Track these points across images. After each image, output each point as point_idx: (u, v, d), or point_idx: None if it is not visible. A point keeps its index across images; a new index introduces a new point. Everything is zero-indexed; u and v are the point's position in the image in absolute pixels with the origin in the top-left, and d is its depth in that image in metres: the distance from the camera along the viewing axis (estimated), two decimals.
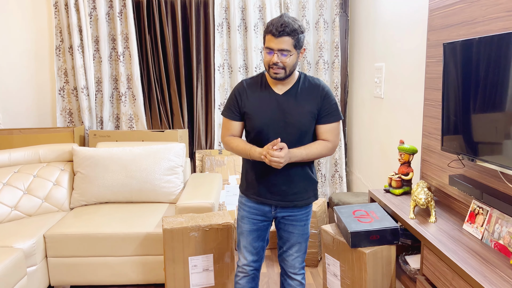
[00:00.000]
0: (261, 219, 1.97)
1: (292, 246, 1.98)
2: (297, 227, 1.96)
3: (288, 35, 1.71)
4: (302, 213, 1.96)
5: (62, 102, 3.77)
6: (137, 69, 3.67)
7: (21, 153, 3.04)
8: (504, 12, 1.65)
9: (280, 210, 1.94)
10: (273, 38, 1.72)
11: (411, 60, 2.65)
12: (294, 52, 1.76)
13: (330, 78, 3.92)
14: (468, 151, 1.77)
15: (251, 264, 2.02)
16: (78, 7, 3.57)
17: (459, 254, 1.63)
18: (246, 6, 3.70)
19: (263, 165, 1.87)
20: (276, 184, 1.88)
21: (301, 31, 1.75)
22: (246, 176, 1.98)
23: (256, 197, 1.94)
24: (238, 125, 1.93)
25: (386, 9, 3.07)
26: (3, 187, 2.83)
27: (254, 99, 1.87)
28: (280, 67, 1.75)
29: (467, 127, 1.77)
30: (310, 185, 1.95)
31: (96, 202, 3.03)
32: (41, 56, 3.80)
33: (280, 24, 1.70)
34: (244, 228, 1.99)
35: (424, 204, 1.97)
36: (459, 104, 1.81)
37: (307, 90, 1.85)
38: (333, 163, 4.02)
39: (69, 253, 2.60)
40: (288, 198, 1.90)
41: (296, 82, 1.87)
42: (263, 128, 1.85)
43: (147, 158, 3.05)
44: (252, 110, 1.86)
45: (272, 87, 1.87)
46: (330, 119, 1.86)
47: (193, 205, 2.66)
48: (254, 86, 1.89)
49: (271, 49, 1.75)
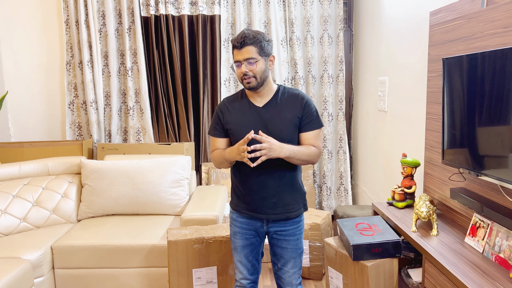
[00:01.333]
0: (253, 234, 1.97)
1: (286, 262, 1.97)
2: (290, 242, 1.95)
3: (250, 44, 1.78)
4: (294, 227, 1.95)
5: (71, 115, 3.85)
6: (145, 83, 3.74)
7: (31, 165, 3.11)
8: (501, 28, 1.68)
9: (272, 224, 1.94)
10: (237, 51, 1.80)
11: (413, 74, 2.68)
12: (260, 59, 1.80)
13: (334, 92, 3.96)
14: (468, 164, 1.79)
15: (248, 277, 2.02)
16: (89, 23, 3.67)
17: (459, 267, 1.64)
18: (251, 22, 3.77)
19: (252, 179, 1.89)
20: (265, 196, 1.89)
21: (264, 39, 1.81)
22: (236, 192, 1.99)
23: (247, 212, 1.94)
24: (223, 141, 1.96)
25: (389, 24, 3.11)
26: (13, 199, 2.89)
27: (236, 114, 1.91)
28: (250, 76, 1.80)
29: (466, 141, 1.79)
30: (299, 195, 1.95)
31: (103, 214, 3.08)
32: (52, 71, 3.90)
33: (240, 36, 1.78)
34: (237, 243, 1.99)
35: (426, 217, 1.98)
36: (458, 118, 1.83)
37: (287, 100, 1.89)
38: (338, 176, 4.03)
39: (76, 265, 2.64)
40: (278, 210, 1.90)
41: (275, 94, 1.91)
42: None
43: (153, 170, 3.09)
44: (234, 125, 1.89)
45: (252, 100, 1.91)
46: (313, 126, 1.88)
47: (198, 217, 2.69)
48: (235, 102, 1.94)
49: (239, 61, 1.81)
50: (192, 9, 3.77)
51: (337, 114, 3.97)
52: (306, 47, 3.88)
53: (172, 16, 3.72)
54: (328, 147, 4.01)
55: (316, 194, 4.11)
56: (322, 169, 4.03)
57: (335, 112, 3.99)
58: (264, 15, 3.80)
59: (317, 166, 4.08)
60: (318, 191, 4.11)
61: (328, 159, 4.01)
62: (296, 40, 3.81)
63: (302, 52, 3.89)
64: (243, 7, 3.77)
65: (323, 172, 4.03)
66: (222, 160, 1.87)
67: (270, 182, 1.87)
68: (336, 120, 3.99)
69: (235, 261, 2.03)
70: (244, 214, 1.95)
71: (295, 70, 3.87)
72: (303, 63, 3.90)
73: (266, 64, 1.84)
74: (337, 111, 3.96)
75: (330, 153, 4.03)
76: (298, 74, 3.85)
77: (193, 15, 3.77)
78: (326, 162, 4.01)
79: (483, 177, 1.69)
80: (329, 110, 3.95)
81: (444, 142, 1.99)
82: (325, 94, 3.93)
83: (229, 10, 3.80)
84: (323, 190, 4.05)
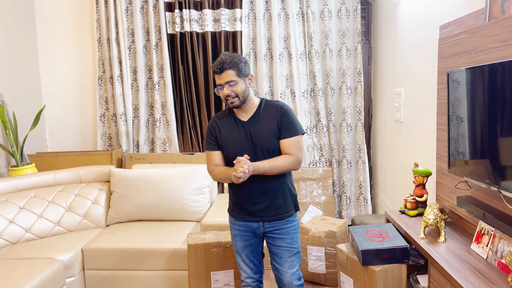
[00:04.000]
0: (251, 235, 2.13)
1: (284, 262, 2.09)
2: (285, 241, 2.08)
3: (229, 69, 1.95)
4: (288, 226, 2.09)
5: (102, 127, 4.10)
6: (171, 96, 3.96)
7: (65, 174, 3.35)
8: (500, 42, 1.75)
9: (267, 224, 2.09)
10: (218, 76, 1.98)
11: (426, 86, 2.75)
12: (239, 80, 1.98)
13: (353, 103, 4.05)
14: (470, 173, 1.85)
15: (252, 276, 2.18)
16: (119, 41, 3.93)
17: (461, 272, 1.70)
18: (271, 37, 3.93)
19: (245, 187, 2.05)
20: (258, 202, 2.06)
21: (240, 61, 1.98)
22: (232, 199, 2.16)
23: (242, 216, 2.11)
24: (218, 154, 2.12)
25: (403, 37, 3.19)
26: (48, 204, 3.13)
27: (224, 129, 2.09)
28: (232, 96, 1.98)
29: (470, 150, 1.85)
30: (289, 198, 2.11)
31: (130, 220, 3.27)
32: (85, 86, 4.18)
33: (219, 62, 1.96)
34: (238, 245, 2.15)
35: (433, 224, 2.04)
36: (460, 128, 1.90)
37: (267, 112, 2.06)
38: (357, 185, 4.09)
39: (104, 266, 2.82)
40: (271, 213, 2.07)
41: (258, 108, 2.08)
42: (236, 153, 2.03)
43: (177, 179, 3.27)
44: (224, 139, 2.08)
45: (238, 116, 2.09)
46: (290, 133, 2.02)
47: (217, 223, 2.84)
48: (223, 118, 2.12)
49: (220, 85, 1.99)
50: (215, 26, 3.97)
51: (356, 124, 4.05)
52: (324, 60, 4.00)
53: (196, 33, 3.92)
54: (347, 157, 4.08)
55: (336, 204, 4.18)
56: (342, 179, 4.10)
57: (354, 122, 4.07)
58: (283, 30, 3.96)
59: (337, 176, 4.15)
60: (338, 201, 4.18)
61: (347, 169, 4.09)
62: (315, 53, 3.94)
63: (320, 65, 4.01)
64: (264, 23, 3.94)
65: (343, 182, 4.10)
66: (224, 177, 2.02)
67: (261, 189, 2.05)
68: (355, 131, 4.07)
69: (238, 262, 2.19)
70: (239, 218, 2.12)
71: (314, 82, 3.98)
72: (321, 75, 4.02)
73: (246, 84, 2.02)
74: (356, 122, 4.04)
75: (350, 163, 4.10)
76: (317, 86, 3.97)
77: (216, 31, 3.96)
78: (346, 172, 4.08)
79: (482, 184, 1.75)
80: (347, 121, 4.04)
81: (449, 152, 2.05)
82: (343, 105, 4.02)
83: (250, 26, 3.97)
84: (342, 199, 4.12)
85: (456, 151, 1.99)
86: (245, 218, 2.11)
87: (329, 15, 3.94)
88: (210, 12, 3.93)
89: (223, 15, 3.89)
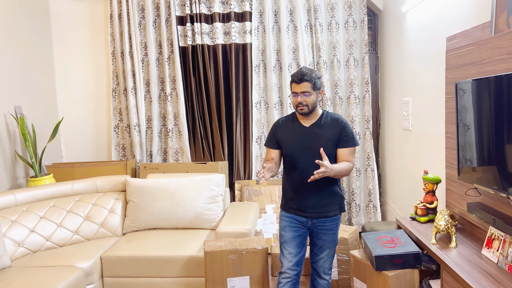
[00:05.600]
0: (300, 226, 2.37)
1: (323, 250, 2.38)
2: (328, 235, 2.36)
3: (307, 81, 2.24)
4: (332, 223, 2.36)
5: (116, 138, 4.21)
6: (183, 107, 4.06)
7: (82, 184, 3.44)
8: (506, 54, 1.84)
9: (315, 220, 2.35)
10: (296, 85, 2.27)
11: (433, 95, 2.83)
12: (313, 93, 2.26)
13: (361, 112, 4.13)
14: (481, 180, 1.92)
15: (294, 268, 2.35)
16: (132, 54, 4.05)
17: (473, 276, 1.76)
18: (280, 49, 4.04)
19: (298, 185, 2.31)
20: (308, 198, 2.32)
21: (317, 77, 2.26)
22: (285, 194, 2.43)
23: (294, 211, 2.37)
24: (275, 152, 2.40)
25: (410, 48, 3.28)
26: (67, 214, 3.22)
27: (287, 131, 2.37)
28: (304, 105, 2.26)
29: (479, 158, 1.93)
30: (336, 199, 2.37)
31: (146, 228, 3.35)
32: (100, 98, 4.30)
33: (300, 74, 2.25)
34: (287, 236, 2.37)
35: (444, 230, 2.11)
36: (469, 137, 1.98)
37: (329, 123, 2.33)
38: (367, 193, 4.15)
39: (122, 274, 2.90)
40: (318, 210, 2.33)
41: (320, 117, 2.36)
42: (294, 153, 2.31)
43: (191, 188, 3.35)
44: (285, 140, 2.36)
45: (301, 122, 2.36)
46: (348, 144, 2.30)
47: (231, 230, 2.92)
48: (287, 122, 2.42)
49: (296, 93, 2.27)
50: (226, 39, 4.08)
51: (364, 133, 4.12)
52: (332, 70, 4.09)
53: (207, 46, 4.03)
54: (357, 165, 4.15)
55: (346, 211, 4.24)
56: (351, 186, 4.17)
57: (362, 131, 4.14)
58: (292, 41, 4.06)
59: (346, 183, 4.22)
60: (348, 208, 4.24)
61: (356, 176, 4.16)
62: (323, 64, 4.03)
63: (329, 75, 4.10)
64: (273, 35, 4.04)
65: (352, 190, 4.17)
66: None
67: (312, 188, 2.31)
68: (364, 139, 4.14)
69: (283, 252, 2.37)
70: (291, 212, 2.39)
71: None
72: (330, 85, 4.11)
73: (317, 96, 2.30)
74: (364, 130, 4.12)
75: (359, 171, 4.17)
76: (325, 95, 4.05)
77: (226, 44, 4.07)
78: (355, 180, 4.15)
79: (491, 191, 1.82)
80: (356, 130, 4.12)
81: (459, 159, 2.13)
82: (352, 114, 4.10)
83: (260, 38, 4.08)
84: (352, 207, 4.18)
85: (465, 159, 2.06)
86: (295, 212, 2.36)
87: (337, 26, 4.04)
88: (221, 25, 4.04)
89: (233, 28, 4.00)
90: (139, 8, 4.07)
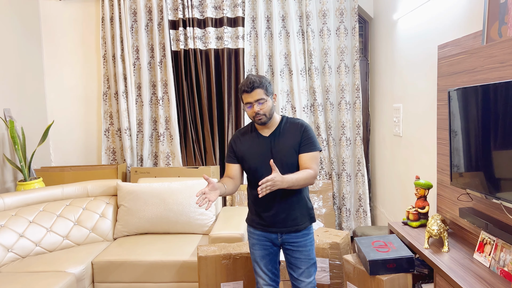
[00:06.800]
0: (270, 244, 2.24)
1: (302, 273, 2.21)
2: (302, 253, 2.21)
3: (258, 87, 2.10)
4: (304, 239, 2.22)
5: (107, 142, 4.17)
6: (175, 111, 4.05)
7: (72, 188, 3.40)
8: (498, 63, 1.89)
9: (285, 236, 2.21)
10: (247, 95, 2.11)
11: (425, 102, 2.88)
12: (267, 99, 2.13)
13: (352, 117, 4.17)
14: (471, 185, 1.96)
15: (270, 283, 2.27)
16: (124, 58, 4.03)
17: (466, 280, 1.80)
18: (272, 54, 4.06)
19: (264, 199, 2.16)
20: (276, 213, 2.18)
21: (267, 82, 2.14)
22: (250, 210, 2.29)
23: (261, 227, 2.23)
24: (235, 167, 2.26)
25: (401, 55, 3.34)
26: (57, 218, 3.18)
27: (246, 144, 2.23)
28: (261, 114, 2.12)
29: (471, 164, 1.97)
30: (305, 210, 2.23)
31: (137, 233, 3.33)
32: (90, 101, 4.26)
33: (249, 82, 2.10)
34: (257, 254, 2.26)
35: (437, 234, 2.14)
36: (461, 143, 2.02)
37: (288, 129, 2.20)
38: (357, 198, 4.19)
39: (114, 279, 2.87)
40: (288, 224, 2.19)
41: (279, 124, 2.22)
42: (257, 166, 2.17)
43: (183, 192, 3.34)
44: (245, 153, 2.22)
45: (260, 132, 2.23)
46: (309, 148, 2.15)
47: (225, 235, 2.91)
48: (246, 134, 2.27)
49: (250, 103, 2.12)
50: (218, 44, 4.09)
51: (355, 138, 4.17)
52: (324, 76, 4.13)
53: (200, 50, 4.04)
54: (347, 170, 4.19)
55: (336, 216, 4.27)
56: (341, 191, 4.21)
57: (353, 136, 4.19)
58: (284, 47, 4.09)
59: (337, 188, 4.26)
60: (338, 213, 4.27)
61: (347, 181, 4.19)
62: (314, 70, 4.07)
63: (320, 81, 4.14)
64: (265, 40, 4.07)
65: (342, 194, 4.20)
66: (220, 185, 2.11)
67: (279, 201, 2.17)
68: (354, 144, 4.19)
69: (256, 270, 2.28)
70: (258, 228, 2.23)
71: (314, 98, 4.11)
72: (321, 91, 4.14)
73: (272, 102, 2.18)
74: (355, 136, 4.17)
75: (349, 176, 4.21)
76: (316, 101, 4.09)
77: (219, 49, 4.08)
78: (345, 185, 4.19)
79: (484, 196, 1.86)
80: (347, 135, 4.16)
81: (451, 165, 2.17)
82: (342, 120, 4.14)
83: (252, 44, 4.10)
84: (342, 211, 4.21)
85: (457, 165, 2.10)
86: (263, 229, 2.22)
87: (328, 33, 4.09)
88: (213, 30, 4.05)
89: (225, 33, 4.02)
90: (131, 12, 4.06)
